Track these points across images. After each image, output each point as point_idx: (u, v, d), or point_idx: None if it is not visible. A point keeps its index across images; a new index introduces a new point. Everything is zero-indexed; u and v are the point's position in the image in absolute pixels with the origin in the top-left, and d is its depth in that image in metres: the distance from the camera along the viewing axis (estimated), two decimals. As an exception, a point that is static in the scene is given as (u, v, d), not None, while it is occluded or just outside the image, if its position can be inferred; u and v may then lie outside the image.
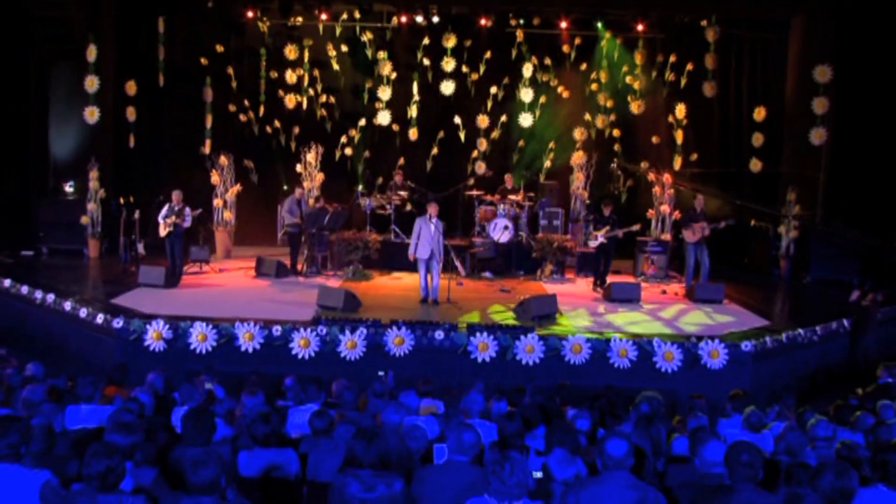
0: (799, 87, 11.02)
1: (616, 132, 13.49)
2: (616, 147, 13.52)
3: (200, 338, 6.84)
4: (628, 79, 13.21)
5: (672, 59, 12.24)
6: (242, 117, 13.47)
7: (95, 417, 4.26)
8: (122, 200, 10.49)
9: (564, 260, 10.98)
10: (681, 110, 12.73)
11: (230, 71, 13.20)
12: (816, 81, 10.59)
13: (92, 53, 10.65)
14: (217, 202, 12.39)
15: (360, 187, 11.97)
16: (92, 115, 10.66)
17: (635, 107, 13.24)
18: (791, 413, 5.15)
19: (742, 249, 11.67)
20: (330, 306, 8.03)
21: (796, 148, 11.13)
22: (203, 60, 12.29)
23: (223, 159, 12.39)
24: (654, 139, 13.25)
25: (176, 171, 11.74)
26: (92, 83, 10.73)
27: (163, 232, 9.45)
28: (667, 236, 11.96)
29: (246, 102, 13.47)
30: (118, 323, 7.03)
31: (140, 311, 7.59)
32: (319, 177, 13.18)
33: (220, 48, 12.27)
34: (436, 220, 8.52)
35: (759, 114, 11.22)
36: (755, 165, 11.26)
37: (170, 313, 7.48)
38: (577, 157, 13.25)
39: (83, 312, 7.44)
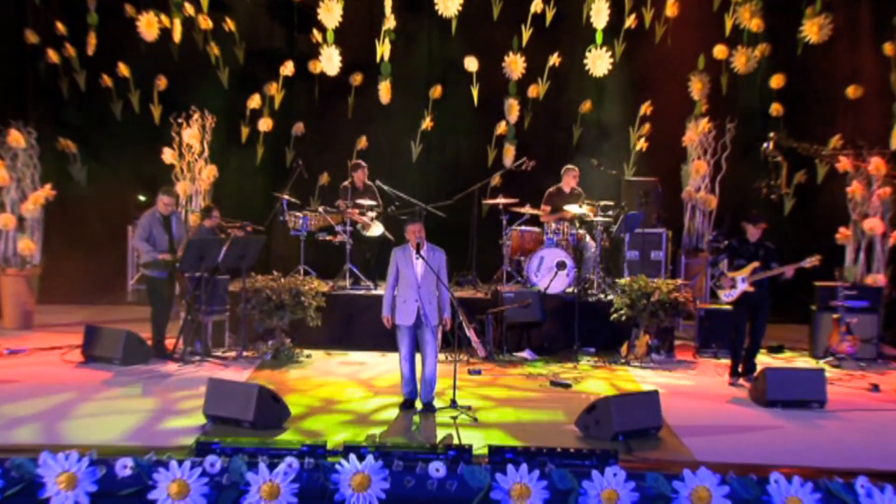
0: None
1: (776, 80, 13.85)
2: (773, 109, 13.84)
3: (-33, 485, 6.66)
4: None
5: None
6: (53, 56, 13.80)
7: None
8: None
9: (673, 326, 11.44)
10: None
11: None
12: None
13: None
14: (3, 220, 12.60)
15: (287, 192, 12.36)
16: None
17: (812, 28, 13.52)
18: None
19: None
20: (229, 417, 8.31)
21: None
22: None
23: (14, 137, 12.69)
24: (851, 91, 13.61)
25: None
26: None
27: None
28: (878, 279, 12.19)
29: (59, 27, 13.81)
30: None
31: None
32: (208, 172, 13.56)
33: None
34: (427, 249, 8.92)
35: None
36: None
37: None
38: (696, 132, 13.58)
39: None
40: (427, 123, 14.01)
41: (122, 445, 7.77)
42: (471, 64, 13.84)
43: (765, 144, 13.39)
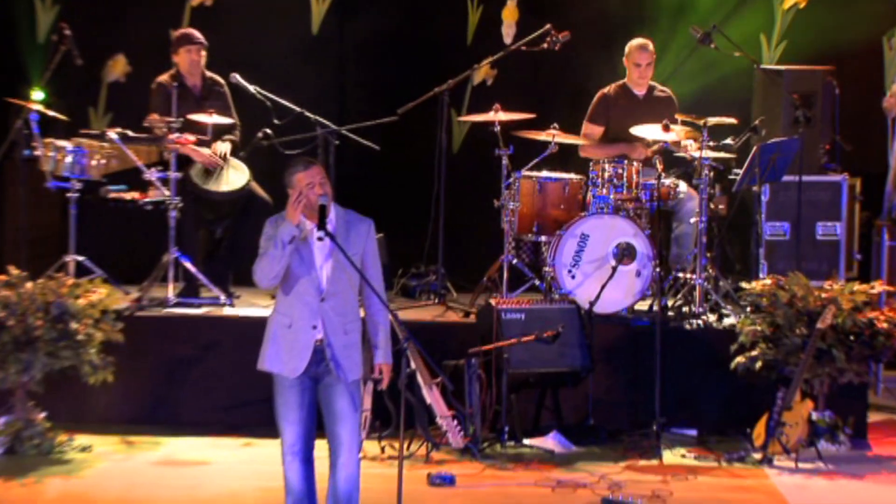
0: None
1: None
2: None
3: None
4: None
5: None
6: None
7: None
8: None
9: (865, 380, 10.13)
10: None
11: None
12: None
13: None
14: None
15: (39, 103, 11.01)
16: None
17: None
18: None
19: None
20: None
21: None
22: None
23: None
24: None
25: None
26: None
27: None
28: None
29: None
30: None
31: None
32: None
33: None
34: (337, 217, 6.81)
35: None
36: None
37: None
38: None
39: None
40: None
41: None
42: None
43: None
